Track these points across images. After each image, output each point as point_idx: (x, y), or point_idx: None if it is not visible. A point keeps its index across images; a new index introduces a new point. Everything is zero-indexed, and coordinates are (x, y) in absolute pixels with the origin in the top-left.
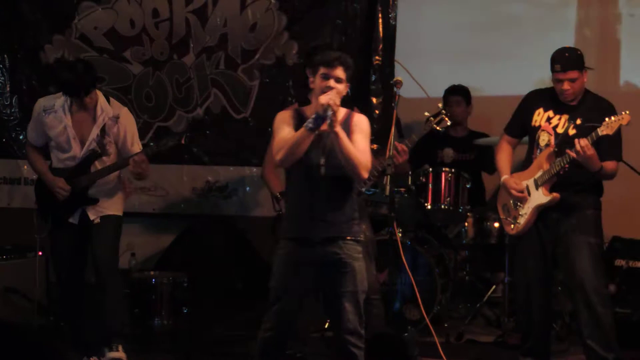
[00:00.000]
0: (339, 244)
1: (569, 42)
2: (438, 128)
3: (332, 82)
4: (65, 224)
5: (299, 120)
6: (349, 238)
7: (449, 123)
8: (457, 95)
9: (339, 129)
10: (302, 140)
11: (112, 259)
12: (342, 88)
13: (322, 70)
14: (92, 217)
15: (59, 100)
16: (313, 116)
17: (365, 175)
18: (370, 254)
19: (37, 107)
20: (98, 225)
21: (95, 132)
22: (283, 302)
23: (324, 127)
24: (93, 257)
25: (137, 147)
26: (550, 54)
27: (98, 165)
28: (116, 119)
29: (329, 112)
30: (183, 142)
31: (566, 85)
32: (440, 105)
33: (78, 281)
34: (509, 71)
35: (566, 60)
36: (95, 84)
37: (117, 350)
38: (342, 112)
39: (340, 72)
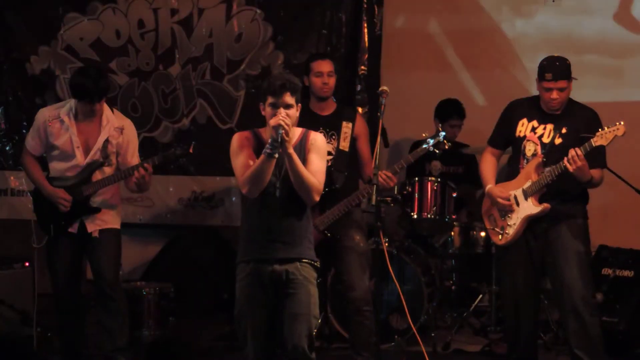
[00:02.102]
0: (296, 264)
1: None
2: (436, 150)
3: (281, 111)
4: (65, 234)
5: (256, 142)
6: (305, 260)
7: (447, 147)
8: (459, 119)
9: (291, 151)
10: (263, 167)
11: (115, 276)
12: (293, 113)
13: (270, 99)
14: (90, 229)
15: (64, 109)
16: (269, 142)
17: (316, 198)
18: (363, 266)
19: (39, 117)
20: (98, 240)
21: (101, 141)
22: (255, 324)
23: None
24: (94, 273)
25: (136, 159)
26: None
27: (99, 175)
28: (121, 129)
29: (280, 131)
30: (191, 151)
31: (555, 94)
32: (440, 128)
33: (74, 292)
34: (496, 81)
35: (557, 69)
36: (108, 91)
37: None
38: (297, 132)
39: (288, 98)
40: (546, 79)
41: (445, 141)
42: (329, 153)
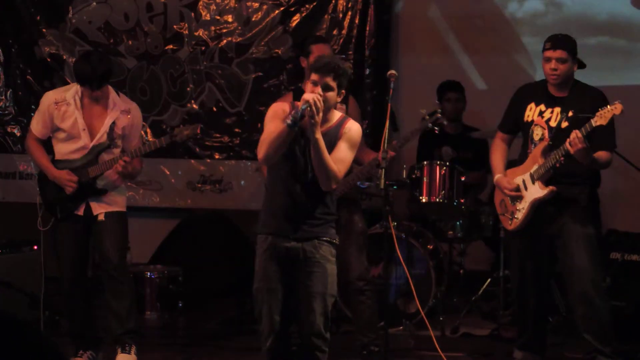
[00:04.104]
0: (314, 242)
1: None
2: (435, 128)
3: (319, 89)
4: (71, 217)
5: None
6: (323, 238)
7: (445, 122)
8: (454, 91)
9: (318, 136)
10: (281, 136)
11: (122, 258)
12: (331, 96)
13: (313, 76)
14: (95, 211)
15: (70, 93)
16: (292, 113)
17: (332, 186)
18: (361, 246)
19: (45, 100)
20: (103, 223)
21: (108, 123)
22: (271, 300)
23: (306, 122)
24: (101, 256)
25: (138, 142)
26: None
27: (106, 157)
28: (127, 112)
29: (304, 107)
30: (199, 131)
31: (554, 64)
32: (437, 102)
33: (80, 275)
34: (505, 65)
35: (557, 39)
36: (109, 77)
37: (130, 353)
38: (336, 115)
39: (329, 80)
40: (546, 48)
41: (441, 116)
42: None
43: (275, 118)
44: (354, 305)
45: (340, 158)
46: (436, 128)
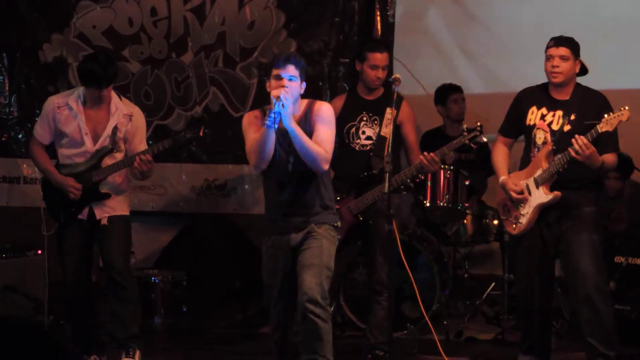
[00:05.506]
0: (311, 226)
1: None
2: (472, 145)
3: (285, 82)
4: (74, 221)
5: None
6: (323, 223)
7: (484, 140)
8: (459, 92)
9: (293, 125)
10: (264, 139)
11: (126, 263)
12: (295, 85)
13: (274, 72)
14: (98, 215)
15: (72, 97)
16: (267, 113)
17: (325, 167)
18: (386, 252)
19: (48, 105)
20: (107, 228)
21: (110, 127)
22: (272, 296)
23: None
24: (104, 261)
25: (143, 146)
26: None
27: (109, 161)
28: (129, 116)
29: (275, 102)
30: (201, 134)
31: (556, 61)
32: (478, 123)
33: (84, 279)
34: (504, 70)
35: (561, 38)
36: (117, 76)
37: (134, 357)
38: (303, 103)
39: (292, 70)
40: (548, 46)
41: (481, 135)
42: (369, 138)
43: (251, 126)
44: (371, 305)
45: (323, 139)
46: (473, 144)
